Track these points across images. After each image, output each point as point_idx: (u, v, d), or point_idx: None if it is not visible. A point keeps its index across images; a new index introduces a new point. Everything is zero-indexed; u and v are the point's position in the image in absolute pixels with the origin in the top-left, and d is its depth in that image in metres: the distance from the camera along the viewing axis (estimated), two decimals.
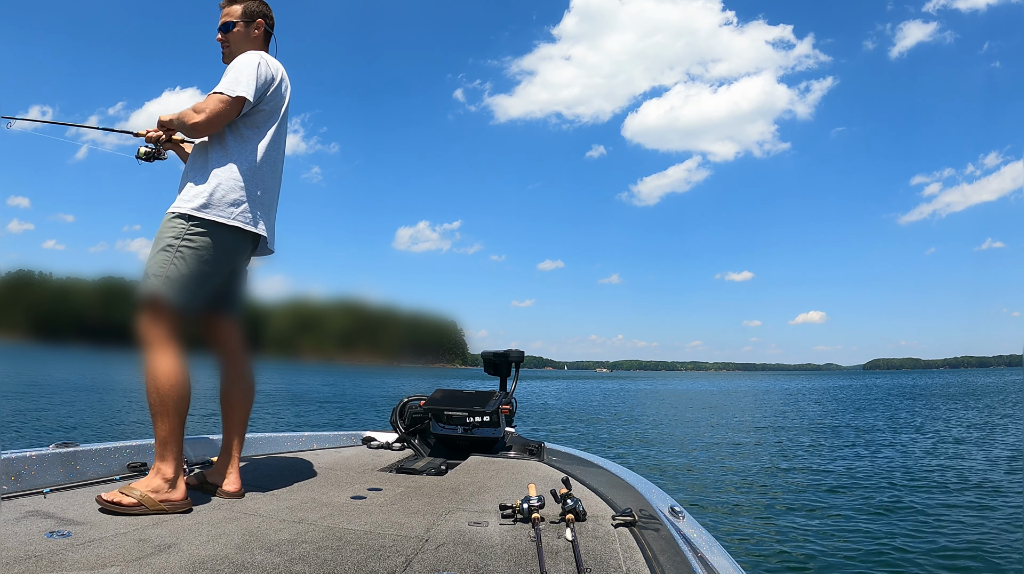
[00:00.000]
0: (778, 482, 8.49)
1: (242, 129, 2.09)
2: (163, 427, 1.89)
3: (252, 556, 1.46)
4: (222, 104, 2.01)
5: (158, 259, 1.96)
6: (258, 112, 2.11)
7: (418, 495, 2.23)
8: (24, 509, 1.76)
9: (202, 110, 2.01)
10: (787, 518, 6.44)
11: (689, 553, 1.34)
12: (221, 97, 2.01)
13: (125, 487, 1.83)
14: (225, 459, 2.14)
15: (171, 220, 2.00)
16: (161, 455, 1.88)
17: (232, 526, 1.72)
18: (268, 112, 2.14)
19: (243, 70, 2.05)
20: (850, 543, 5.54)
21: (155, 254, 1.97)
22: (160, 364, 1.90)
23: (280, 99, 2.17)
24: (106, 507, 1.77)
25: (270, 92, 2.12)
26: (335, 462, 2.85)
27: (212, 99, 2.02)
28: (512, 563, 1.49)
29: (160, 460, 1.88)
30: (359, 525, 1.79)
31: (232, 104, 2.02)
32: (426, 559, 1.49)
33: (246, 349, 2.23)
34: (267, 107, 2.13)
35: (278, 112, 2.18)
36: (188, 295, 1.97)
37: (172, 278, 1.94)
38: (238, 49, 2.18)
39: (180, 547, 1.50)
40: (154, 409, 1.90)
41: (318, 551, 1.52)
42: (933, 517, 6.47)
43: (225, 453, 2.15)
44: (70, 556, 1.39)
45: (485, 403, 3.23)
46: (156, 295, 1.93)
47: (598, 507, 2.07)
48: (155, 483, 1.84)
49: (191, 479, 2.10)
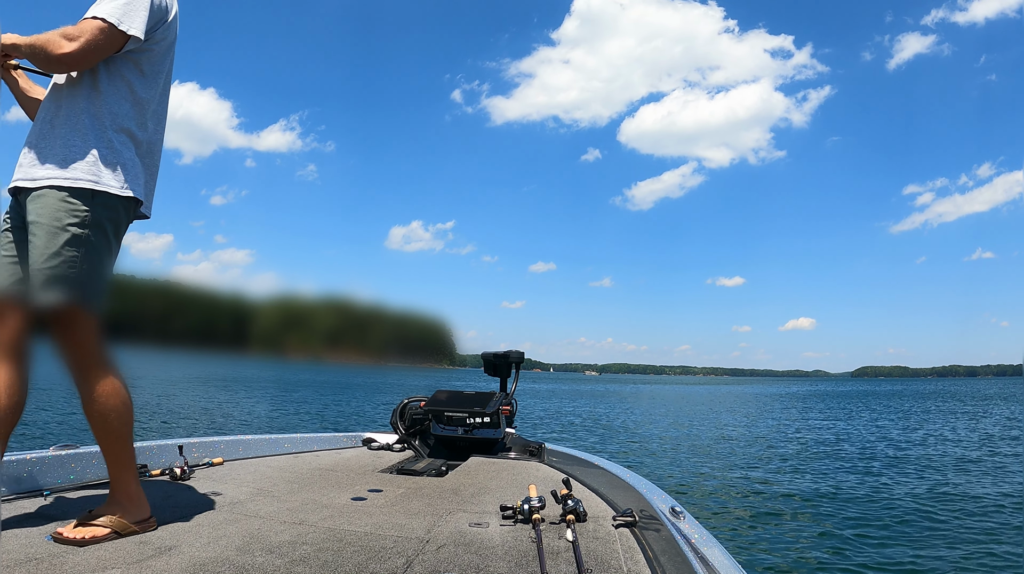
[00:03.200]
0: (778, 483, 8.49)
1: (123, 70, 1.68)
2: (128, 447, 1.69)
3: (253, 558, 1.46)
4: (101, 35, 1.60)
5: (61, 257, 1.56)
6: (144, 51, 1.70)
7: (419, 496, 2.23)
8: (24, 511, 1.76)
9: (76, 38, 1.58)
10: (787, 519, 6.44)
11: (690, 553, 1.34)
12: (102, 26, 1.60)
13: (86, 517, 1.60)
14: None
15: (62, 200, 1.58)
16: (124, 477, 1.67)
17: (233, 528, 1.72)
18: (157, 53, 1.74)
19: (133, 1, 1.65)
20: (849, 544, 5.54)
21: (55, 250, 1.56)
22: (108, 382, 1.64)
23: (172, 36, 1.77)
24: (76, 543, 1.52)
25: (162, 28, 1.72)
26: (335, 463, 2.85)
27: (90, 25, 1.60)
28: (513, 564, 1.48)
29: (123, 484, 1.67)
30: (360, 526, 1.78)
31: (116, 39, 1.63)
32: (427, 560, 1.49)
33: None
34: (157, 47, 1.73)
35: (168, 53, 1.78)
36: (99, 289, 1.64)
37: (82, 279, 1.58)
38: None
39: (180, 549, 1.50)
40: (115, 432, 1.66)
41: (319, 553, 1.52)
42: (933, 517, 6.48)
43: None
44: (70, 559, 1.39)
45: (485, 404, 3.23)
46: (78, 302, 1.58)
47: (599, 508, 2.07)
48: (121, 508, 1.64)
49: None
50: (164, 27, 1.73)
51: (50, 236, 1.56)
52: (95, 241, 1.61)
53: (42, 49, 1.58)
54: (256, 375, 36.41)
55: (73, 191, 1.59)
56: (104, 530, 1.58)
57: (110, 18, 1.61)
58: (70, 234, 1.57)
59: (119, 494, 1.67)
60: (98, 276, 1.63)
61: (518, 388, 3.52)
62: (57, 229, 1.57)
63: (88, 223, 1.59)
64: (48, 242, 1.56)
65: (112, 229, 1.65)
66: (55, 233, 1.56)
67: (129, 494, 1.68)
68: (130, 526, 1.63)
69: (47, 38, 1.58)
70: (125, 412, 1.68)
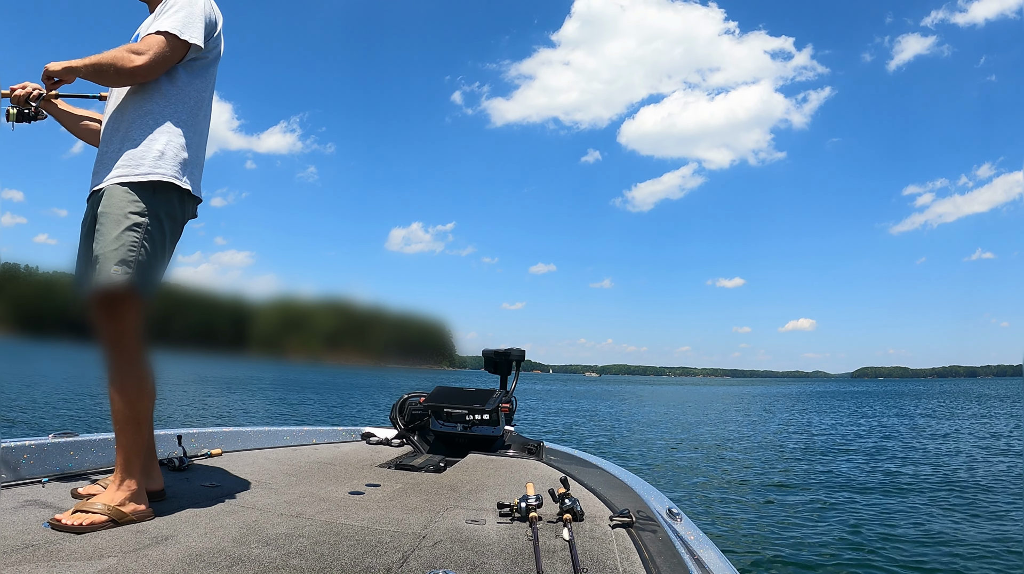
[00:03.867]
0: (775, 485, 8.48)
1: (183, 76, 1.86)
2: (141, 436, 1.74)
3: (249, 549, 1.46)
4: (167, 48, 1.77)
5: (123, 241, 1.69)
6: (199, 59, 1.89)
7: (416, 492, 2.23)
8: (22, 498, 1.76)
9: (144, 52, 1.74)
10: (784, 520, 6.44)
11: (686, 555, 1.34)
12: (167, 39, 1.77)
13: (84, 504, 1.61)
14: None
15: (126, 192, 1.73)
16: (129, 467, 1.69)
17: (230, 519, 1.72)
18: (209, 60, 1.92)
19: (192, 11, 1.83)
20: (847, 545, 5.53)
21: (117, 235, 1.69)
22: (137, 368, 1.72)
23: (220, 44, 1.97)
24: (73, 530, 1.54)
25: (214, 37, 1.91)
26: (334, 457, 2.86)
27: (156, 39, 1.76)
28: (509, 562, 1.48)
29: (126, 473, 1.69)
30: (357, 520, 1.79)
31: (179, 49, 1.80)
32: (423, 556, 1.49)
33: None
34: (210, 54, 1.92)
35: (217, 60, 1.97)
36: (155, 280, 1.77)
37: (142, 262, 1.71)
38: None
39: (177, 539, 1.50)
40: (129, 419, 1.71)
41: (315, 546, 1.52)
42: (933, 517, 6.47)
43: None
44: (67, 546, 1.39)
45: (485, 401, 3.23)
46: (125, 286, 1.68)
47: (596, 507, 2.07)
48: (121, 496, 1.66)
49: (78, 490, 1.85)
50: (215, 38, 1.92)
51: (113, 224, 1.71)
52: (153, 231, 1.74)
53: (111, 66, 1.72)
54: (254, 376, 36.44)
55: (135, 185, 1.74)
56: (101, 517, 1.59)
57: (173, 30, 1.77)
58: (131, 222, 1.71)
59: (123, 480, 1.69)
60: (154, 264, 1.75)
61: (517, 387, 3.52)
62: (119, 217, 1.71)
63: (148, 214, 1.73)
64: (110, 230, 1.70)
65: (170, 223, 1.79)
66: (117, 221, 1.71)
67: (130, 483, 1.69)
68: (127, 515, 1.64)
69: (114, 55, 1.73)
70: (144, 402, 1.75)
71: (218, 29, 1.93)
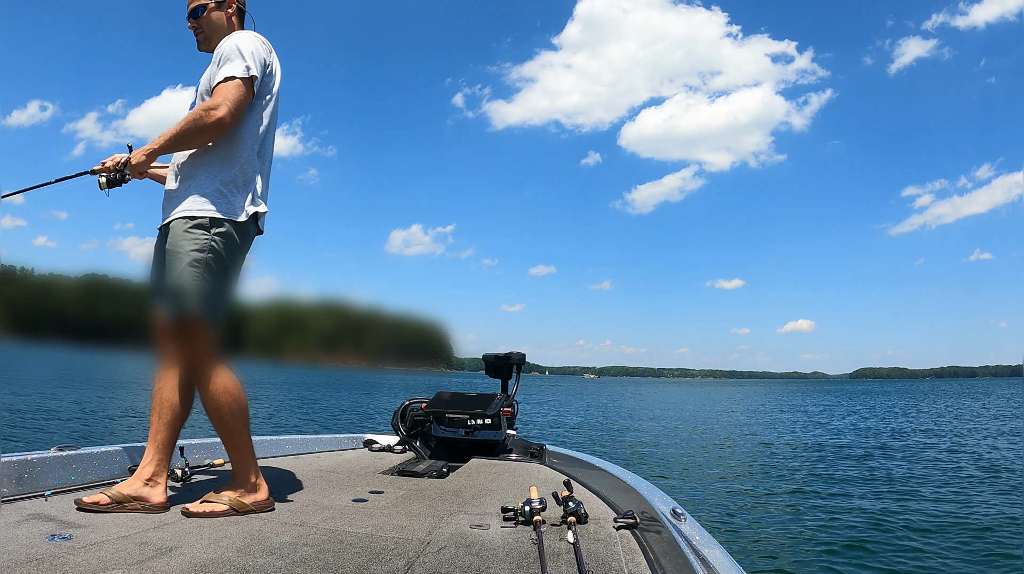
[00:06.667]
0: (779, 485, 8.48)
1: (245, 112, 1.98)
2: (243, 437, 1.94)
3: (254, 559, 1.46)
4: (240, 90, 1.89)
5: (187, 275, 1.85)
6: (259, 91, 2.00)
7: (420, 498, 2.23)
8: (25, 512, 1.75)
9: (221, 103, 1.85)
10: (789, 520, 6.43)
11: (691, 555, 1.34)
12: (235, 83, 1.88)
13: (211, 496, 1.88)
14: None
15: (190, 230, 1.88)
16: (244, 464, 1.94)
17: (233, 529, 1.72)
18: (267, 92, 2.03)
19: (243, 50, 1.92)
20: (851, 545, 5.52)
21: (182, 269, 1.85)
22: (220, 382, 1.90)
23: (275, 77, 2.07)
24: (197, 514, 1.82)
25: (268, 71, 2.02)
26: (337, 465, 2.85)
27: (227, 88, 1.88)
28: (514, 566, 1.48)
29: (242, 471, 1.94)
30: (361, 528, 1.78)
31: (249, 88, 1.91)
32: (428, 562, 1.49)
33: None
34: (266, 88, 2.03)
35: (275, 91, 2.07)
36: (221, 306, 1.94)
37: (206, 294, 1.86)
38: (214, 34, 2.05)
39: (181, 550, 1.50)
40: (228, 425, 1.92)
41: (320, 554, 1.52)
42: (933, 517, 6.47)
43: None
44: (71, 559, 1.39)
45: (486, 406, 3.22)
46: (195, 317, 1.86)
47: (600, 509, 2.07)
48: (241, 490, 1.91)
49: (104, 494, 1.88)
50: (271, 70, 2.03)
51: (175, 260, 1.87)
52: (214, 265, 1.88)
53: (192, 129, 1.86)
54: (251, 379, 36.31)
55: (194, 220, 1.88)
56: (222, 506, 1.84)
57: (238, 74, 1.89)
58: (192, 258, 1.86)
59: (239, 477, 1.93)
60: (216, 294, 1.90)
61: (518, 390, 3.52)
62: (181, 254, 1.86)
63: (207, 249, 1.87)
64: (174, 265, 1.87)
65: (229, 255, 1.92)
66: (179, 257, 1.86)
67: (248, 477, 1.93)
68: (247, 505, 1.88)
69: (193, 118, 1.86)
70: (237, 408, 1.93)
71: (272, 64, 2.03)
